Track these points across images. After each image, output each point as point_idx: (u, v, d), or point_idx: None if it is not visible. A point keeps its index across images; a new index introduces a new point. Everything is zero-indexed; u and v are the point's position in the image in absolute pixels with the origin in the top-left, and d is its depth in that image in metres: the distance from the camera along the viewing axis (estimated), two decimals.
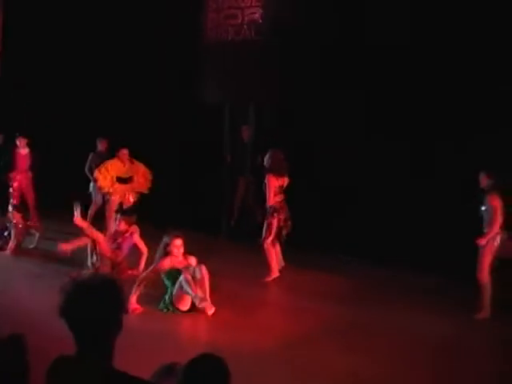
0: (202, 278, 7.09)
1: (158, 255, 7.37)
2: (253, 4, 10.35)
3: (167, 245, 7.28)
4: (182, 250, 7.27)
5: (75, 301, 2.65)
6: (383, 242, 8.76)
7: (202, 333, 6.39)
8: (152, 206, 10.42)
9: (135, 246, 8.62)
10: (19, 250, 9.75)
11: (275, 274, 8.62)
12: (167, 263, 7.23)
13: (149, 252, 8.29)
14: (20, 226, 9.91)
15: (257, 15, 10.36)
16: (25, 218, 10.15)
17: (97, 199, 11.23)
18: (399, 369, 5.82)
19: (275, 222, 8.38)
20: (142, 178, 10.52)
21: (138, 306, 7.08)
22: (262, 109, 10.92)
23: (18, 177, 11.30)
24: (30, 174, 11.50)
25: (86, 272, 8.07)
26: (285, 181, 8.46)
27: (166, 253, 7.29)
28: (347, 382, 5.50)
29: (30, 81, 13.22)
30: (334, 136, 9.66)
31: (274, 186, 8.29)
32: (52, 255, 9.37)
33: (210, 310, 6.86)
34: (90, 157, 11.24)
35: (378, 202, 8.94)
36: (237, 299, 7.34)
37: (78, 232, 8.78)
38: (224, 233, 11.04)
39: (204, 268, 7.18)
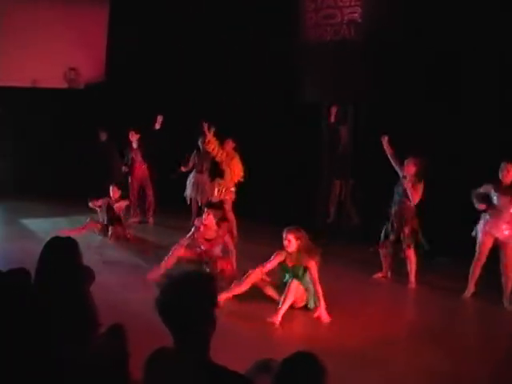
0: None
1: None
2: (352, 3, 10.21)
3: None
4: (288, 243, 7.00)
5: (170, 295, 2.66)
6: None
7: (298, 330, 6.33)
8: (249, 204, 10.47)
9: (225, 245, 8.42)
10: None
11: (384, 274, 8.53)
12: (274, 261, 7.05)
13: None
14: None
15: (356, 15, 10.21)
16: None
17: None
18: (500, 372, 5.58)
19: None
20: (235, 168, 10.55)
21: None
22: (361, 109, 10.73)
23: (135, 170, 11.91)
24: (145, 167, 11.86)
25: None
26: None
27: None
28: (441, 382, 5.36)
29: (134, 82, 13.63)
30: (432, 138, 9.36)
31: None
32: (149, 249, 9.63)
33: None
34: (193, 154, 11.43)
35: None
36: (335, 298, 7.22)
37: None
38: (320, 233, 10.89)
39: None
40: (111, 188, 10.58)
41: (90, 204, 10.71)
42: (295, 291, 6.76)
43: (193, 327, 2.66)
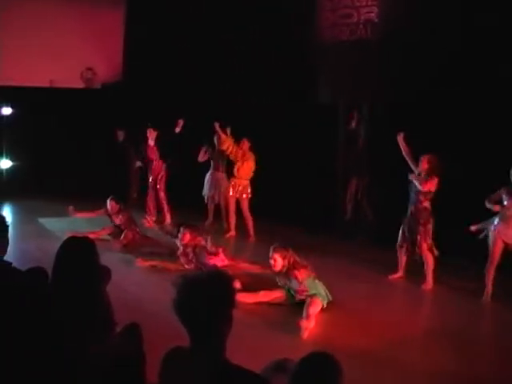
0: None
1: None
2: (369, 3, 10.19)
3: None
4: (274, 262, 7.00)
5: (186, 295, 2.67)
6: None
7: (313, 330, 6.30)
8: (266, 204, 10.47)
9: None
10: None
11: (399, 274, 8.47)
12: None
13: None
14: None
15: (373, 14, 10.19)
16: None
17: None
18: (505, 372, 5.57)
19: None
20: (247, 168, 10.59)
21: None
22: (377, 109, 10.68)
23: (153, 167, 11.89)
24: (161, 165, 11.87)
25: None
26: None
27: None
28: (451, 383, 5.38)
29: (151, 82, 13.69)
30: (447, 137, 9.31)
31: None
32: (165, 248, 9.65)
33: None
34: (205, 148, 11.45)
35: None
36: (348, 298, 7.22)
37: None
38: (337, 231, 10.86)
39: None
40: (108, 202, 10.23)
41: (70, 211, 10.60)
42: (317, 306, 6.75)
43: (210, 327, 2.67)
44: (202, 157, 11.42)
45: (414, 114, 9.79)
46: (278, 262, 6.94)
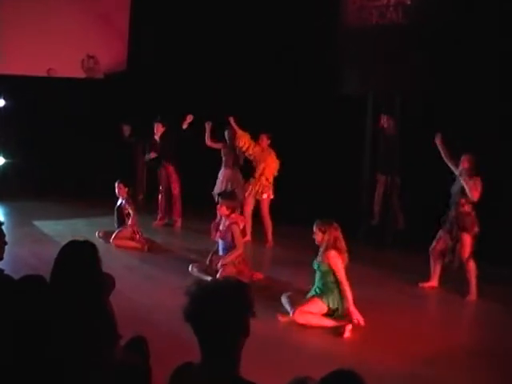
0: None
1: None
2: None
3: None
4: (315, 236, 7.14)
5: (201, 304, 2.68)
6: None
7: (336, 345, 6.30)
8: (285, 205, 10.47)
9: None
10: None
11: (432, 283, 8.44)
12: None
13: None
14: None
15: None
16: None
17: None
18: None
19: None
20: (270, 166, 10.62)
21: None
22: (409, 100, 10.63)
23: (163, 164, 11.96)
24: (168, 161, 11.90)
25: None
26: None
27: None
28: None
29: (158, 71, 13.73)
30: (485, 128, 9.26)
31: None
32: (174, 253, 9.68)
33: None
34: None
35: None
36: (376, 310, 7.19)
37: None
38: (362, 235, 10.81)
39: None
40: (116, 185, 10.31)
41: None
42: (314, 306, 6.91)
43: (225, 337, 2.67)
44: (209, 137, 11.29)
45: (451, 107, 9.76)
46: (318, 235, 7.10)
